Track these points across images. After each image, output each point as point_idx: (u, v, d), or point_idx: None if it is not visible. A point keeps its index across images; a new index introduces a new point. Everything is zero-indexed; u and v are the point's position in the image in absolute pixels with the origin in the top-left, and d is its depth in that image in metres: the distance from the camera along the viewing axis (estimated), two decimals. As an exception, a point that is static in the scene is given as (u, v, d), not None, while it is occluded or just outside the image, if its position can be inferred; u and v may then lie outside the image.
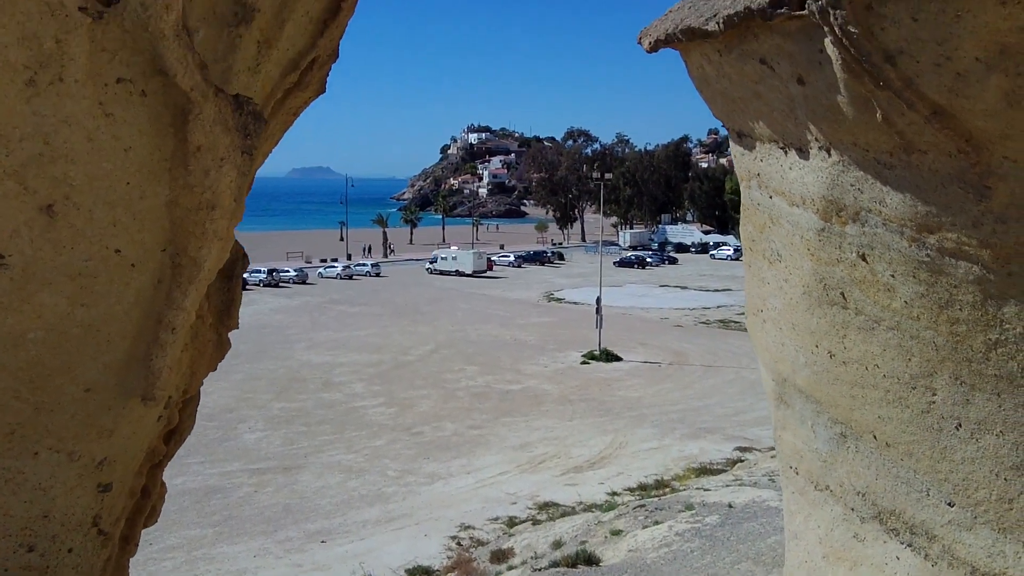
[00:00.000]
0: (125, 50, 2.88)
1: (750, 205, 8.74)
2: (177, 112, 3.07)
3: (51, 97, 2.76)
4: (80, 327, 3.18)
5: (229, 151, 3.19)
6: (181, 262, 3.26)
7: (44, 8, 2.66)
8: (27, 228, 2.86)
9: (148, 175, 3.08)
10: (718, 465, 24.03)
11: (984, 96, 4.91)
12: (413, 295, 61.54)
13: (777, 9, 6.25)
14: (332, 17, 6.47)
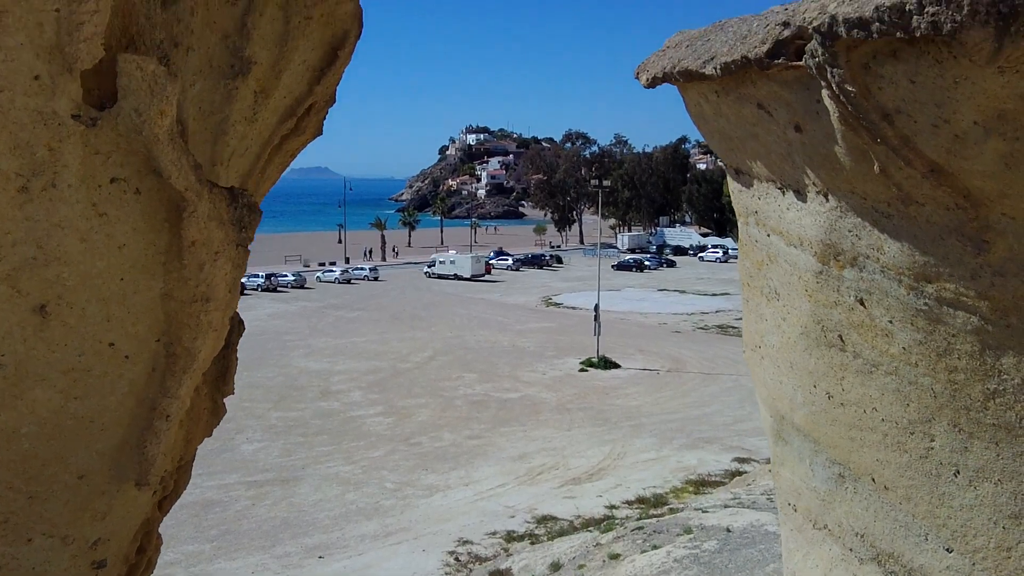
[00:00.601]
0: (119, 151, 2.85)
1: (748, 241, 8.71)
2: (172, 208, 3.04)
3: (44, 202, 2.73)
4: (74, 419, 3.16)
5: (224, 245, 3.16)
6: (175, 352, 3.23)
7: (37, 117, 2.63)
8: (20, 329, 2.83)
9: (142, 270, 3.06)
10: (716, 477, 24.02)
11: (982, 158, 4.89)
12: (411, 300, 61.51)
13: (774, 59, 6.23)
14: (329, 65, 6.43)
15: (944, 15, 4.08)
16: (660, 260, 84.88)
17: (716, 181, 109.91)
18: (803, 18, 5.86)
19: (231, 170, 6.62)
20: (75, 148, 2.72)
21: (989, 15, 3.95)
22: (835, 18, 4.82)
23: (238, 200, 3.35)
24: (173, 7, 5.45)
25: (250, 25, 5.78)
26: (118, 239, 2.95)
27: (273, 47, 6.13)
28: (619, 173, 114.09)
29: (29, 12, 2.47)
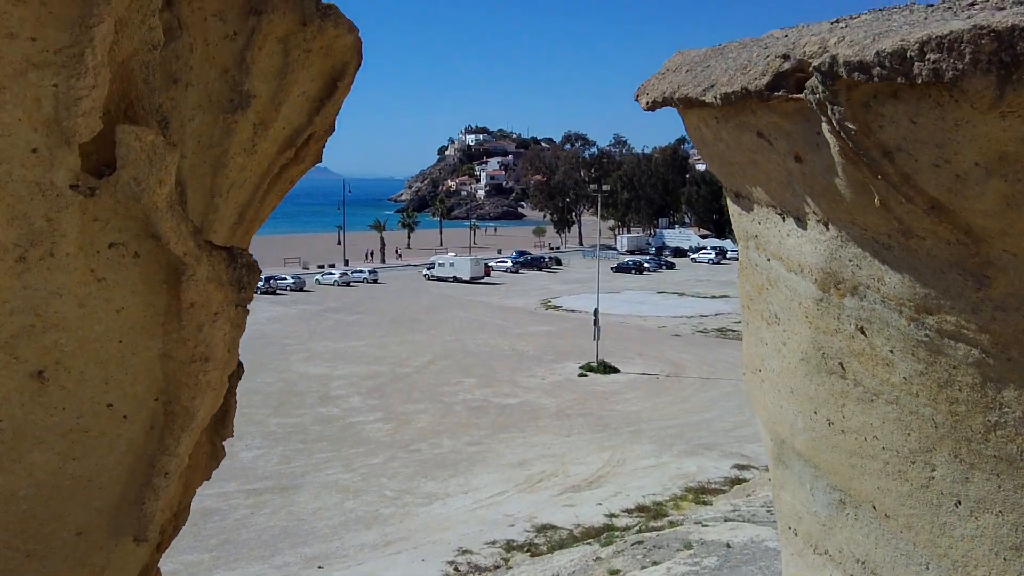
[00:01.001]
0: (118, 217, 2.84)
1: (748, 265, 8.70)
2: (170, 270, 3.03)
3: (42, 271, 2.72)
4: (72, 479, 3.15)
5: (223, 306, 3.15)
6: (174, 410, 3.22)
7: (34, 189, 2.62)
8: (17, 394, 2.82)
9: (141, 331, 3.05)
10: (716, 484, 24.02)
11: (983, 198, 4.88)
12: (410, 303, 61.49)
13: (774, 92, 6.22)
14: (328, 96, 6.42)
15: (945, 62, 4.07)
16: (659, 262, 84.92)
17: (715, 183, 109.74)
18: (803, 51, 5.85)
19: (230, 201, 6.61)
20: (73, 217, 2.72)
21: (991, 64, 3.95)
22: (835, 59, 4.81)
23: (237, 260, 3.34)
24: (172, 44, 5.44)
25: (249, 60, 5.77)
26: (116, 302, 2.94)
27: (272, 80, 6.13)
28: (618, 174, 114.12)
29: (26, 88, 2.46)
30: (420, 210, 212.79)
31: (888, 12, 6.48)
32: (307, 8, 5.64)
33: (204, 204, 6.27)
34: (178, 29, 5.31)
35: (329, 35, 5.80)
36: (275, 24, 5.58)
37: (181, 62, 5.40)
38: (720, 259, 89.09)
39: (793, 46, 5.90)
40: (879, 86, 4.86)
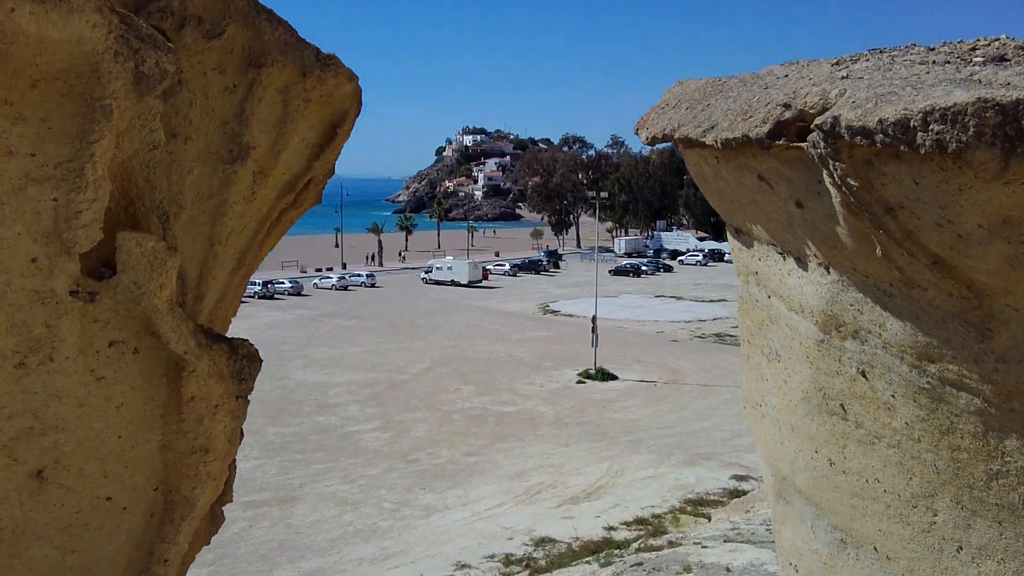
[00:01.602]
0: (118, 317, 2.82)
1: (748, 299, 8.68)
2: (170, 363, 3.01)
3: (41, 375, 2.70)
4: (71, 571, 3.13)
5: (224, 398, 3.13)
6: (174, 500, 3.20)
7: (34, 297, 2.59)
8: (16, 494, 2.80)
9: (140, 424, 3.03)
10: (715, 496, 24.02)
11: (986, 258, 4.87)
12: (408, 307, 61.44)
13: (775, 140, 6.20)
14: (328, 142, 6.39)
15: (949, 134, 4.06)
16: (657, 265, 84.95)
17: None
18: (804, 102, 5.82)
19: (229, 248, 6.58)
20: (72, 322, 2.69)
21: (996, 137, 3.94)
22: (838, 120, 4.79)
23: (238, 352, 3.32)
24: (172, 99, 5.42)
25: (249, 112, 5.74)
26: (116, 399, 2.92)
27: (272, 129, 6.10)
28: (616, 177, 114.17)
29: (26, 203, 2.43)
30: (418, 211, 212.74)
31: (890, 56, 6.47)
32: (307, 59, 5.62)
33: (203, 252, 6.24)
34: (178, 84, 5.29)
35: (329, 84, 5.78)
36: (275, 76, 5.56)
37: (180, 116, 5.38)
38: (707, 261, 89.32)
39: (794, 95, 5.88)
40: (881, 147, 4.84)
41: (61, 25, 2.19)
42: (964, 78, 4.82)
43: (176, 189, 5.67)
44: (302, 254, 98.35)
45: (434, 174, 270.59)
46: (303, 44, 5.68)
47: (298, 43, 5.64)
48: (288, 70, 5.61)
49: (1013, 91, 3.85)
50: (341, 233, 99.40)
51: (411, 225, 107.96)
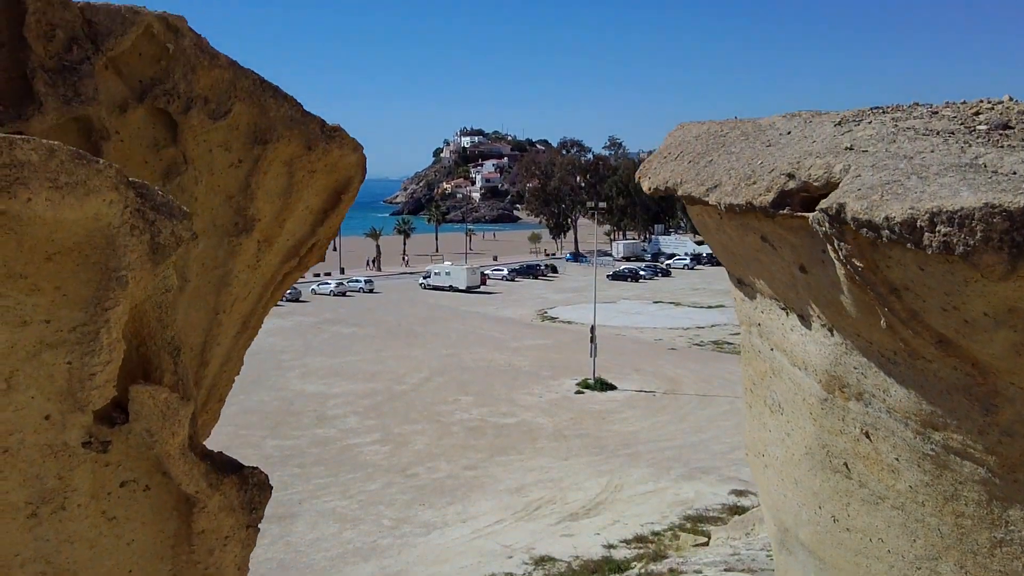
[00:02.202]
0: (129, 460, 2.83)
1: (751, 349, 8.68)
2: (180, 498, 3.02)
3: (54, 524, 2.70)
4: None
5: (234, 530, 3.14)
6: (186, 624, 3.20)
7: (47, 451, 2.60)
8: (31, 635, 2.80)
9: (151, 557, 3.03)
10: (714, 512, 24.03)
11: (992, 344, 4.87)
12: (407, 314, 61.41)
13: (779, 209, 6.20)
14: (332, 208, 6.37)
15: (956, 237, 4.07)
16: (655, 269, 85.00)
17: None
18: (808, 174, 5.82)
19: (234, 315, 6.56)
20: (85, 471, 2.70)
21: (1003, 242, 3.95)
22: (844, 208, 4.79)
23: (248, 482, 3.32)
24: (177, 179, 5.40)
25: (254, 186, 5.73)
26: (127, 536, 2.92)
27: (277, 199, 6.09)
28: (613, 180, 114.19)
29: (40, 367, 2.43)
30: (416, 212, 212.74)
31: (893, 121, 6.45)
32: (312, 133, 5.61)
33: (207, 321, 6.22)
34: (184, 163, 5.28)
35: (334, 155, 5.77)
36: (280, 150, 5.55)
37: (186, 195, 5.37)
38: (694, 265, 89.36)
39: (798, 165, 5.88)
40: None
41: (78, 207, 2.19)
42: (969, 162, 4.83)
43: (181, 263, 5.67)
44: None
45: (432, 175, 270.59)
46: (308, 118, 5.69)
47: (303, 117, 5.64)
48: (294, 144, 5.62)
49: (1020, 197, 3.86)
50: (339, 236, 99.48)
51: (409, 229, 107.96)
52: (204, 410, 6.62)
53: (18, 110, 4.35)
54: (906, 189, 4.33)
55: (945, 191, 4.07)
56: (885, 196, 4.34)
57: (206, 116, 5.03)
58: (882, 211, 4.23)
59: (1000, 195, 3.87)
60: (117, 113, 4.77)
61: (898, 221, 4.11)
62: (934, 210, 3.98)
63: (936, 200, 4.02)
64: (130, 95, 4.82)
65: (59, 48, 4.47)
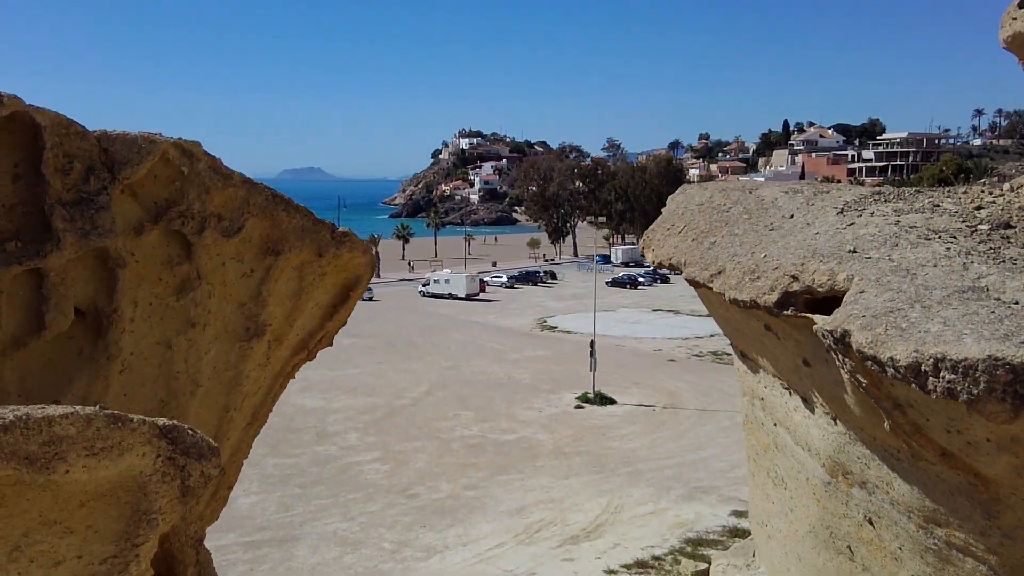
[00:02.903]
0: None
1: (753, 421, 8.72)
2: None
3: None
4: None
5: None
6: None
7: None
8: None
9: None
10: (714, 535, 24.10)
11: (994, 465, 4.94)
12: (406, 324, 61.45)
13: (783, 309, 6.25)
14: (342, 302, 6.42)
15: (960, 385, 4.14)
16: (654, 276, 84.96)
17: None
18: (812, 279, 5.88)
19: (244, 410, 6.62)
20: None
21: (1006, 393, 4.02)
22: (848, 334, 4.85)
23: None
24: (191, 294, 5.46)
25: (266, 293, 5.80)
26: None
27: (287, 301, 6.15)
28: (612, 184, 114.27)
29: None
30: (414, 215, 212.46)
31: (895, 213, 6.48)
32: (323, 240, 5.67)
33: (218, 419, 6.28)
34: (197, 279, 5.34)
35: (344, 258, 5.83)
36: (292, 259, 5.61)
37: (200, 308, 5.43)
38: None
39: (802, 267, 5.94)
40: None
41: (112, 466, 2.26)
42: (971, 285, 4.89)
43: (194, 370, 5.74)
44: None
45: (430, 177, 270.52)
46: (319, 225, 5.75)
47: (314, 226, 5.71)
48: (305, 252, 5.69)
49: (1022, 351, 3.93)
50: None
51: (408, 234, 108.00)
52: (214, 499, 6.69)
53: (36, 246, 4.42)
54: (910, 323, 4.40)
55: (948, 333, 4.14)
56: (889, 330, 4.41)
57: (219, 234, 5.10)
58: (887, 351, 4.30)
59: (1003, 346, 3.94)
60: (133, 236, 4.85)
61: (902, 365, 4.18)
62: (938, 356, 4.05)
63: (940, 344, 4.09)
64: (145, 217, 4.90)
65: (77, 179, 4.55)
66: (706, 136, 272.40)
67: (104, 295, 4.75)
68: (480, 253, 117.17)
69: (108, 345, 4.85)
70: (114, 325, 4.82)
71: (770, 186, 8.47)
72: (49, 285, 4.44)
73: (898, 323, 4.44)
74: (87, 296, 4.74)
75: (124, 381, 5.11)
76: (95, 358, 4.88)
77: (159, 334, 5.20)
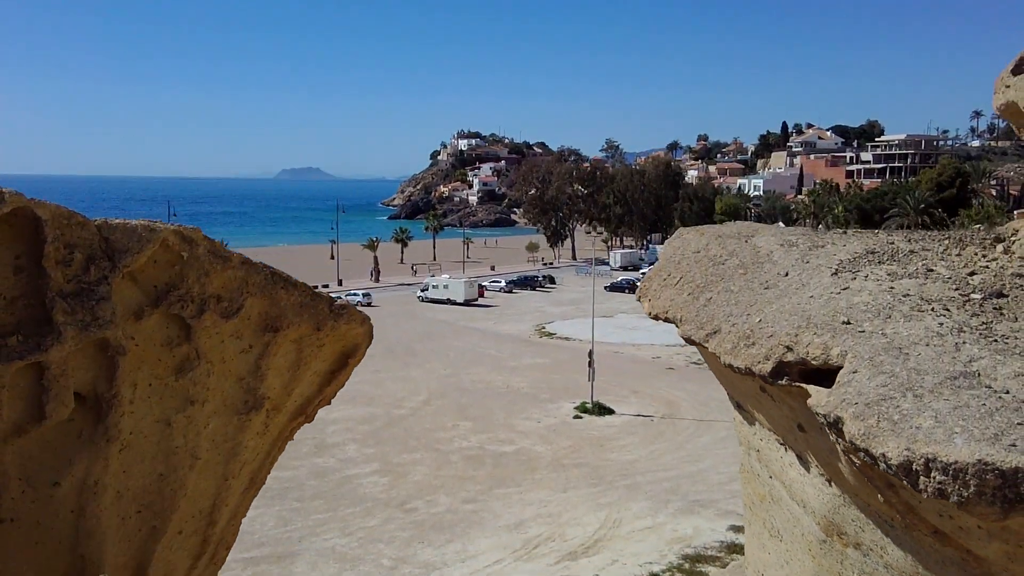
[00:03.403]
0: None
1: (750, 471, 8.76)
2: None
3: None
4: None
5: None
6: None
7: None
8: None
9: None
10: (712, 551, 24.18)
11: (987, 549, 4.99)
12: (405, 330, 61.50)
13: (777, 379, 6.30)
14: (340, 369, 6.47)
15: (951, 487, 4.19)
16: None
17: (708, 199, 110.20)
18: (807, 352, 5.92)
19: (242, 477, 6.67)
20: None
21: (995, 497, 4.07)
22: (840, 421, 4.90)
23: None
24: (190, 374, 5.51)
25: (264, 368, 5.85)
26: None
27: (285, 373, 6.20)
28: (611, 188, 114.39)
29: None
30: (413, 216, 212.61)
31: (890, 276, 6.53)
32: (321, 314, 5.72)
33: (216, 487, 6.34)
34: (196, 359, 5.40)
35: (342, 330, 5.87)
36: (290, 334, 5.66)
37: (199, 387, 5.48)
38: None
39: (796, 339, 5.98)
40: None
41: None
42: (963, 370, 4.94)
43: (192, 444, 5.79)
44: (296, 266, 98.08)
45: (429, 178, 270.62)
46: (317, 300, 5.80)
47: (312, 301, 5.76)
48: (304, 327, 5.74)
49: (1012, 455, 3.98)
50: (337, 244, 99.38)
51: (407, 238, 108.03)
52: (212, 561, 6.74)
53: (37, 340, 4.46)
54: (902, 415, 4.44)
55: (939, 431, 4.19)
56: (881, 422, 4.46)
57: (218, 316, 5.15)
58: (879, 446, 4.35)
59: (992, 449, 3.99)
60: (133, 321, 4.89)
61: (894, 463, 4.23)
62: (929, 456, 4.10)
63: (931, 444, 4.14)
64: (145, 301, 4.93)
65: (77, 270, 4.59)
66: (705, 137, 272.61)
67: (104, 381, 4.79)
68: (479, 256, 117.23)
69: (108, 428, 4.90)
70: (114, 409, 4.87)
71: (766, 234, 8.52)
72: (50, 377, 4.48)
73: (890, 414, 4.49)
74: (87, 382, 4.78)
75: (123, 459, 5.15)
76: (95, 440, 4.92)
77: (158, 412, 5.25)
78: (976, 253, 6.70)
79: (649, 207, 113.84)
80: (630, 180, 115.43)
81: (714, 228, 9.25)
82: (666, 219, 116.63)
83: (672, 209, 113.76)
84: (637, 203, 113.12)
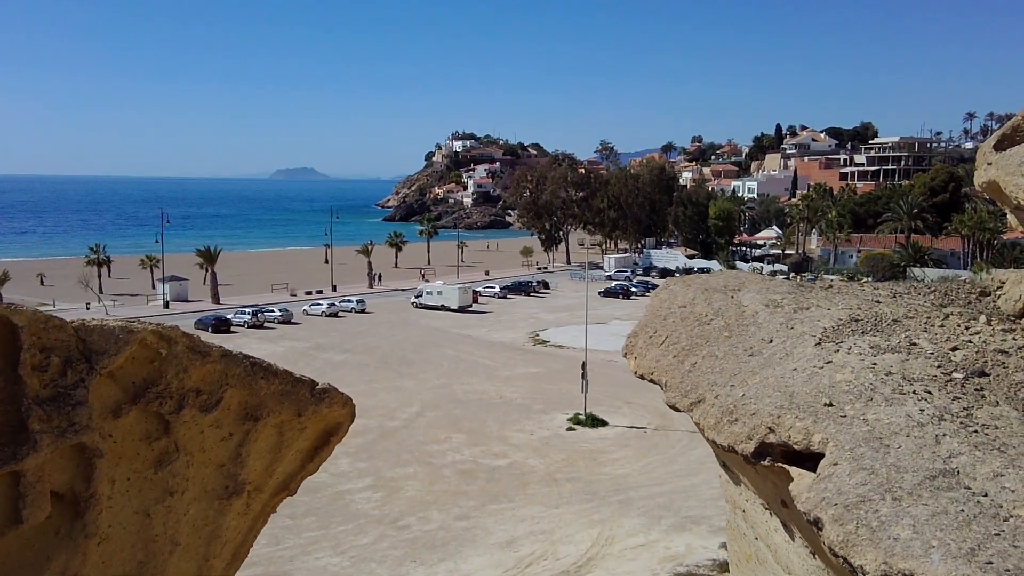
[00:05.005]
0: None
1: (736, 529, 8.76)
2: None
3: None
4: None
5: None
6: None
7: None
8: None
9: None
10: (704, 568, 24.20)
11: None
12: (399, 339, 61.44)
13: (760, 459, 6.30)
14: (323, 446, 6.45)
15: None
16: (647, 286, 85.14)
17: (702, 204, 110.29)
18: (788, 435, 5.93)
19: (224, 555, 6.64)
20: None
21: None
22: (820, 522, 4.90)
23: None
24: (170, 466, 5.49)
25: (245, 454, 5.82)
26: None
27: (267, 455, 6.18)
28: (605, 192, 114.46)
29: None
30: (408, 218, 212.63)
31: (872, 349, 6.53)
32: (302, 400, 5.70)
33: (197, 567, 6.31)
34: (175, 452, 5.37)
35: (323, 413, 5.85)
36: (271, 421, 5.63)
37: (179, 478, 5.46)
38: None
39: (778, 421, 5.98)
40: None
41: None
42: (942, 468, 4.95)
43: (172, 531, 5.76)
44: (291, 270, 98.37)
45: (423, 179, 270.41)
46: (298, 386, 5.78)
47: (293, 388, 5.74)
48: (285, 414, 5.71)
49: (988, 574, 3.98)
50: (331, 249, 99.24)
51: (401, 242, 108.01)
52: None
53: (13, 449, 4.43)
54: (880, 523, 4.45)
55: (917, 544, 4.19)
56: (859, 529, 4.47)
57: (197, 410, 5.13)
58: (857, 556, 4.36)
59: (968, 568, 4.00)
60: (111, 419, 4.87)
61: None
62: (906, 572, 4.10)
63: (908, 559, 4.14)
64: (124, 398, 4.91)
65: (54, 374, 4.56)
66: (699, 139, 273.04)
67: (81, 481, 4.77)
68: (473, 260, 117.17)
69: (86, 525, 4.88)
70: (91, 507, 4.84)
71: (751, 290, 8.52)
72: (26, 483, 4.46)
73: (868, 520, 4.50)
74: (64, 482, 4.76)
75: (102, 551, 5.13)
76: (73, 536, 4.90)
77: (137, 504, 5.23)
78: (959, 325, 6.71)
79: (643, 211, 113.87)
80: (624, 184, 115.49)
81: (701, 280, 9.25)
82: (660, 223, 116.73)
83: (666, 213, 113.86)
84: (631, 207, 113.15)
